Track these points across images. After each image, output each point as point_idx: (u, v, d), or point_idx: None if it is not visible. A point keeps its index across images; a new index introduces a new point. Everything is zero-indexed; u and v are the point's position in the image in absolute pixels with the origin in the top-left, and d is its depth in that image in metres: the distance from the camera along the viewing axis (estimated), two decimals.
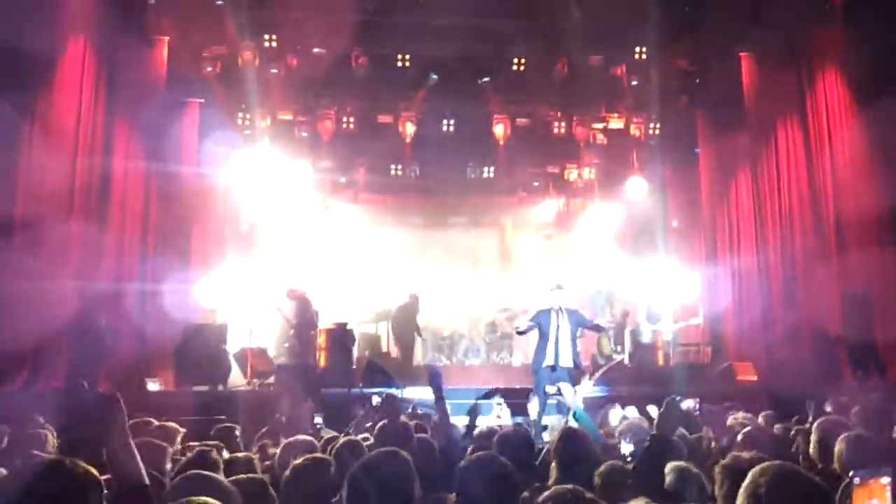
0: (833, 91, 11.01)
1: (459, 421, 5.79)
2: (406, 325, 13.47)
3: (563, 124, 14.95)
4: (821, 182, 11.27)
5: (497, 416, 8.16)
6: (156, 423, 5.47)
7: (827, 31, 10.93)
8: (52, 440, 5.14)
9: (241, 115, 13.93)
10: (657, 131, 14.80)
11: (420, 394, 9.29)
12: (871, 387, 8.44)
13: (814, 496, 2.12)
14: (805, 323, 10.94)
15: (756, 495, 2.11)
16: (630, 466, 3.76)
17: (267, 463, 4.62)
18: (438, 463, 4.25)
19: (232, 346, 11.16)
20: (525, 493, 3.26)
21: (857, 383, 9.29)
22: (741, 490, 2.16)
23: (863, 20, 9.84)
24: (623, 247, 15.75)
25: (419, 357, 14.18)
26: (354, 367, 11.51)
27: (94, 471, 1.97)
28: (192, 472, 2.94)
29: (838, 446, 3.33)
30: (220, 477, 3.17)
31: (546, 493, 2.53)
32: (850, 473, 1.77)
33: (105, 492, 2.03)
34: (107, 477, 2.15)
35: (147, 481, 2.37)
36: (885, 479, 1.77)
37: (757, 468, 2.18)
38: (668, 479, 3.10)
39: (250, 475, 3.49)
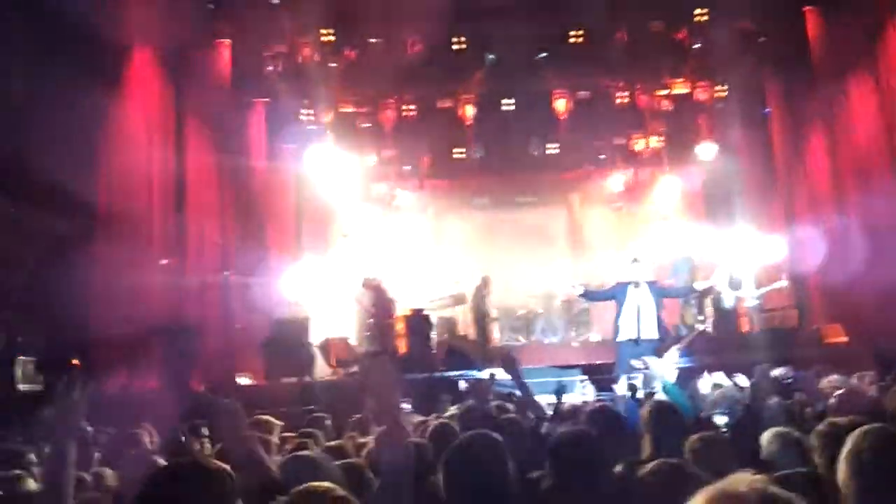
0: None
1: (542, 400, 5.82)
2: (479, 307, 13.55)
3: (625, 94, 14.72)
4: None
5: (581, 394, 8.16)
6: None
7: None
8: (148, 440, 5.37)
9: (304, 111, 14.18)
10: (724, 94, 14.42)
11: (500, 374, 9.34)
12: None
13: None
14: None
15: (859, 460, 2.08)
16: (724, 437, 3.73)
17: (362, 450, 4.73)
18: (528, 442, 4.29)
19: (315, 338, 11.45)
20: (618, 468, 3.28)
21: None
22: (842, 456, 2.12)
23: None
24: (698, 214, 15.41)
25: (497, 337, 14.23)
26: (434, 351, 11.65)
27: (226, 467, 2.01)
28: (302, 454, 3.07)
29: None
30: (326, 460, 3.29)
31: (648, 467, 2.55)
32: None
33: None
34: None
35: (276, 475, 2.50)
36: None
37: (858, 432, 2.14)
38: (768, 447, 3.07)
39: (346, 461, 3.59)
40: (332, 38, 13.38)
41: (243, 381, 10.31)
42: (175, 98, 10.86)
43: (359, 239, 14.76)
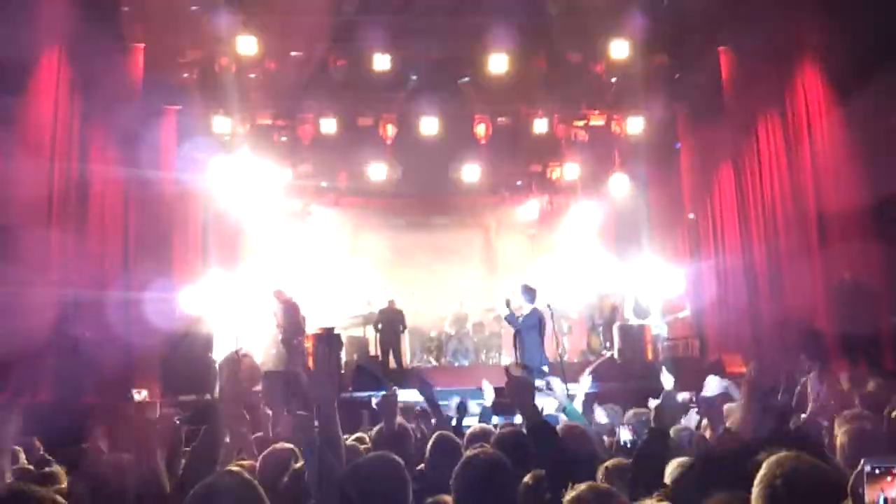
0: (812, 84, 11.06)
1: None
2: (392, 327, 13.40)
3: (544, 122, 14.94)
4: (801, 175, 11.31)
5: None
6: None
7: (806, 23, 10.97)
8: (23, 456, 5.00)
9: (219, 120, 13.77)
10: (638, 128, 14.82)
11: (411, 396, 9.20)
12: (863, 376, 8.44)
13: (828, 486, 2.10)
14: (791, 314, 10.98)
15: (772, 487, 2.11)
16: (630, 460, 3.71)
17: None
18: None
19: (218, 354, 11.04)
20: (526, 487, 3.20)
21: (848, 373, 9.31)
22: (756, 482, 2.15)
23: (843, 11, 9.86)
24: (607, 243, 15.75)
25: (408, 359, 14.11)
26: (343, 371, 11.42)
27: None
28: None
29: (840, 438, 3.28)
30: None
31: (574, 492, 2.48)
32: (863, 461, 1.74)
33: None
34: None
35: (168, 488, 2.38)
36: None
37: (772, 459, 2.17)
38: (672, 475, 3.06)
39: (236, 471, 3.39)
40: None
41: (138, 397, 9.83)
42: (82, 102, 10.38)
43: (270, 254, 14.41)
